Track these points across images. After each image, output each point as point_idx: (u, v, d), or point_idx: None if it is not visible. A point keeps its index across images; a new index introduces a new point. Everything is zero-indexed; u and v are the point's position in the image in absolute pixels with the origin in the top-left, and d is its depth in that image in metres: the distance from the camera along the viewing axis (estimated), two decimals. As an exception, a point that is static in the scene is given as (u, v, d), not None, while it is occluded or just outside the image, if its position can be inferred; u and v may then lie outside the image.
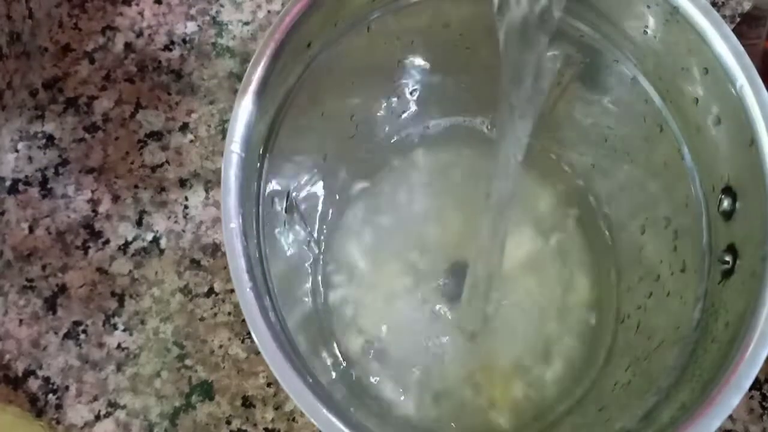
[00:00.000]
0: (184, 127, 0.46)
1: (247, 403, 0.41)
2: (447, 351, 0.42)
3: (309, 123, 0.39)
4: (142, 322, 0.42)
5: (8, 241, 0.44)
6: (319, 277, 0.43)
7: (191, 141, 0.46)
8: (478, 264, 0.40)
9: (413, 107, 0.45)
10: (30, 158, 0.45)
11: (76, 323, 0.42)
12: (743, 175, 0.33)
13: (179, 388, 0.41)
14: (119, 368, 0.42)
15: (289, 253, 0.40)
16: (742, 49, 0.32)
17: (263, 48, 0.32)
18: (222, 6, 0.49)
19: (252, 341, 0.34)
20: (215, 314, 0.43)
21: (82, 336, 0.42)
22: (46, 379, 0.41)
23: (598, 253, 0.43)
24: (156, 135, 0.46)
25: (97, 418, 0.41)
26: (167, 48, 0.48)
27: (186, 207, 0.45)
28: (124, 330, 0.42)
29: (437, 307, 0.42)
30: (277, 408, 0.41)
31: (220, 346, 0.42)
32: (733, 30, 0.33)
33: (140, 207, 0.45)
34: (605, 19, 0.37)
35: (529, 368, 0.41)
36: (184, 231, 0.44)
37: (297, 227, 0.40)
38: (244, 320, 0.30)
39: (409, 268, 0.43)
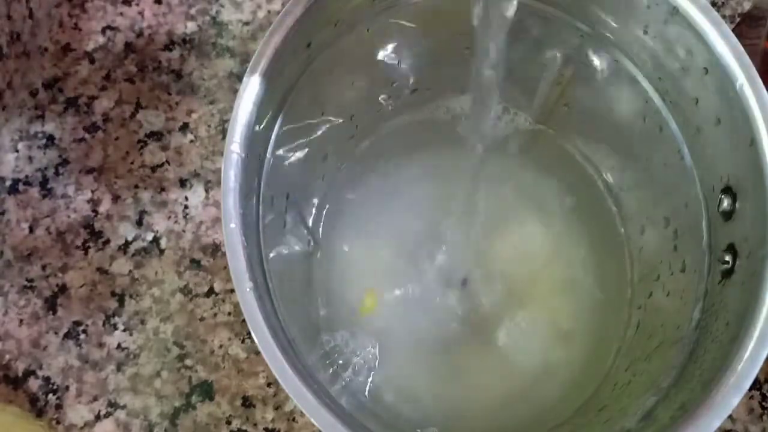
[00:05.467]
0: (184, 127, 0.46)
1: (247, 403, 0.41)
2: (446, 349, 0.42)
3: (309, 123, 0.39)
4: (142, 322, 0.42)
5: (8, 241, 0.44)
6: (319, 277, 0.43)
7: (191, 141, 0.46)
8: (481, 260, 0.40)
9: (413, 107, 0.45)
10: (30, 158, 0.45)
11: (76, 323, 0.42)
12: (743, 175, 0.33)
13: (179, 388, 0.41)
14: (119, 368, 0.42)
15: (288, 253, 0.40)
16: (742, 49, 0.32)
17: (263, 48, 0.32)
18: (222, 6, 0.49)
19: (252, 341, 0.34)
20: (215, 314, 0.43)
21: (82, 336, 0.42)
22: (46, 379, 0.41)
23: (606, 253, 0.43)
24: (156, 135, 0.46)
25: (97, 418, 0.41)
26: (167, 48, 0.48)
27: (186, 207, 0.45)
28: (124, 330, 0.42)
29: (438, 305, 0.42)
30: (277, 408, 0.41)
31: (220, 346, 0.42)
32: (733, 30, 0.33)
33: (140, 207, 0.45)
34: (605, 19, 0.37)
35: (535, 369, 0.41)
36: (184, 231, 0.44)
37: (297, 227, 0.40)
38: (244, 320, 0.30)
39: (409, 267, 0.43)
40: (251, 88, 0.32)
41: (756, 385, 0.43)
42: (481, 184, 0.45)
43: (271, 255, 0.34)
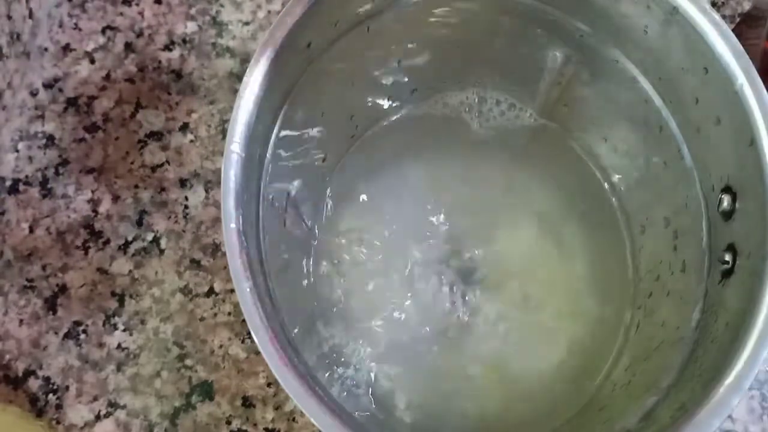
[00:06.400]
0: (184, 127, 0.46)
1: (247, 403, 0.41)
2: (447, 350, 0.42)
3: (309, 123, 0.39)
4: (142, 322, 0.42)
5: (8, 241, 0.44)
6: (319, 276, 0.43)
7: (191, 141, 0.46)
8: (481, 259, 0.40)
9: (413, 107, 0.45)
10: (30, 158, 0.45)
11: (76, 323, 0.42)
12: (743, 175, 0.33)
13: (179, 388, 0.41)
14: (119, 368, 0.42)
15: (288, 253, 0.40)
16: (742, 49, 0.32)
17: (263, 48, 0.32)
18: (222, 6, 0.49)
19: (252, 341, 0.34)
20: (215, 314, 0.43)
21: (82, 336, 0.42)
22: (47, 379, 0.41)
23: (607, 252, 0.43)
24: (156, 135, 0.46)
25: (97, 418, 0.41)
26: (167, 48, 0.48)
27: (186, 207, 0.45)
28: (124, 330, 0.42)
29: (438, 305, 0.42)
30: (277, 408, 0.41)
31: (220, 346, 0.42)
32: (733, 30, 0.33)
33: (140, 207, 0.45)
34: (605, 19, 0.37)
35: (535, 370, 0.41)
36: (184, 231, 0.44)
37: (297, 226, 0.40)
38: (244, 320, 0.30)
39: (409, 266, 0.43)
40: (251, 88, 0.32)
41: (756, 385, 0.43)
42: (483, 181, 0.45)
43: (271, 255, 0.34)
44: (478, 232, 0.44)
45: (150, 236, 0.44)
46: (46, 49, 0.48)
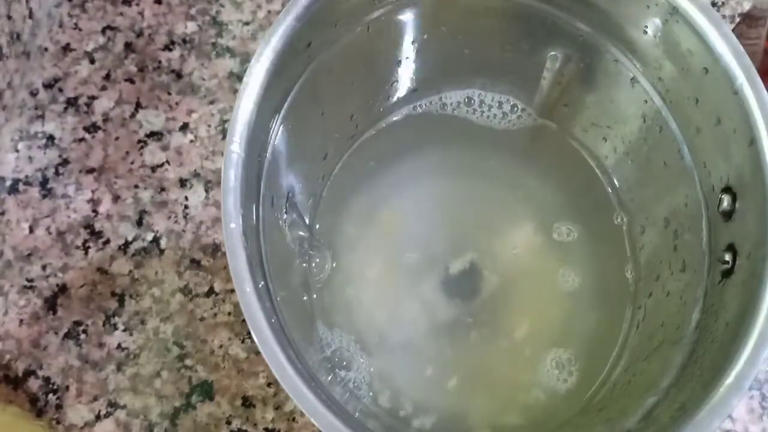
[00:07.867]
0: (184, 127, 0.46)
1: (247, 403, 0.41)
2: (448, 351, 0.42)
3: (309, 123, 0.39)
4: (142, 322, 0.42)
5: (8, 241, 0.44)
6: (319, 277, 0.43)
7: (191, 141, 0.46)
8: (482, 259, 0.40)
9: (413, 107, 0.45)
10: (30, 158, 0.45)
11: (76, 323, 0.42)
12: (743, 175, 0.33)
13: (179, 388, 0.41)
14: (119, 368, 0.42)
15: (289, 253, 0.40)
16: (742, 49, 0.32)
17: (263, 48, 0.32)
18: (222, 6, 0.49)
19: (252, 341, 0.34)
20: (215, 314, 0.43)
21: (82, 336, 0.42)
22: (47, 379, 0.41)
23: (606, 253, 0.43)
24: (156, 135, 0.46)
25: (97, 418, 0.41)
26: (167, 48, 0.48)
27: (186, 207, 0.45)
28: (124, 330, 0.42)
29: (439, 305, 0.42)
30: (277, 408, 0.41)
31: (220, 346, 0.42)
32: (733, 30, 0.33)
33: (140, 207, 0.45)
34: (605, 20, 0.37)
35: (535, 369, 0.41)
36: (184, 231, 0.44)
37: (297, 226, 0.40)
38: (244, 320, 0.30)
39: (410, 267, 0.43)
40: (251, 88, 0.32)
41: (756, 385, 0.43)
42: (483, 181, 0.45)
43: (271, 255, 0.34)
44: (479, 233, 0.44)
45: (150, 236, 0.44)
46: (46, 49, 0.48)
